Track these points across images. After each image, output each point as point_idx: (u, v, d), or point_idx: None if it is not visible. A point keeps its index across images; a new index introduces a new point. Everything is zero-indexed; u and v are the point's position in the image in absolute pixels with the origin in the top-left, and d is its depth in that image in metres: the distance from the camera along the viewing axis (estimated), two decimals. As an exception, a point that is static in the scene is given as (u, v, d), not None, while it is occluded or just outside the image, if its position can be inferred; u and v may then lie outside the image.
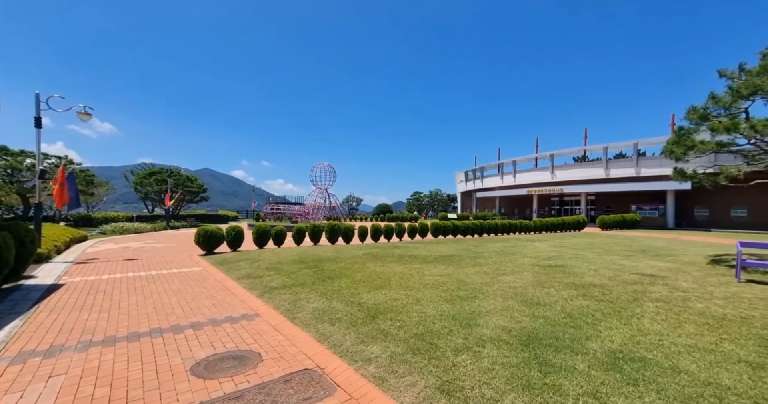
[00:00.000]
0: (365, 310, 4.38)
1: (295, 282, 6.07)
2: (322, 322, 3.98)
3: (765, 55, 6.80)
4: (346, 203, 63.75)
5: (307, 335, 3.65)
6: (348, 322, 3.95)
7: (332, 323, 3.94)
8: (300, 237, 12.34)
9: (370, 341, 3.40)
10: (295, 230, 12.39)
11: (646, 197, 27.99)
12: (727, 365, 2.86)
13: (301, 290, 5.52)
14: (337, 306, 4.60)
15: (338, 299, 4.89)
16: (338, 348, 3.27)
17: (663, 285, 5.73)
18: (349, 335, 3.56)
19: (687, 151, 7.25)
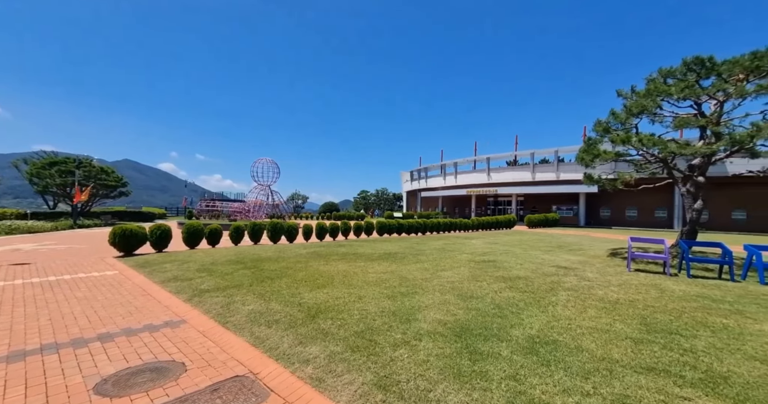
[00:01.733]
0: (306, 310, 4.27)
1: (230, 284, 5.67)
2: (258, 325, 3.78)
3: (649, 80, 8.23)
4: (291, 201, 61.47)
5: (240, 339, 3.43)
6: (287, 323, 3.81)
7: (269, 325, 3.76)
8: (238, 236, 11.56)
9: (309, 341, 3.32)
10: (233, 229, 11.58)
11: (564, 199, 31.81)
12: (617, 342, 3.38)
13: (237, 292, 5.18)
14: (275, 307, 4.41)
15: (277, 300, 4.70)
16: (274, 351, 3.14)
17: (574, 276, 6.56)
18: (287, 337, 3.44)
19: (594, 159, 8.46)
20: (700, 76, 7.65)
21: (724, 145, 7.01)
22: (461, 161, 39.08)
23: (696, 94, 7.67)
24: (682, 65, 7.76)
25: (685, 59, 7.72)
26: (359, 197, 75.43)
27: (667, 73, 8.07)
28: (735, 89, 7.21)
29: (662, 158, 8.29)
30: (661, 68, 8.20)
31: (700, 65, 7.55)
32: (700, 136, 8.57)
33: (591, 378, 2.65)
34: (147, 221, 29.35)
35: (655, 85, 7.70)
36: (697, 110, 8.38)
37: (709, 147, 7.24)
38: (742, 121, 7.74)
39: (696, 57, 7.58)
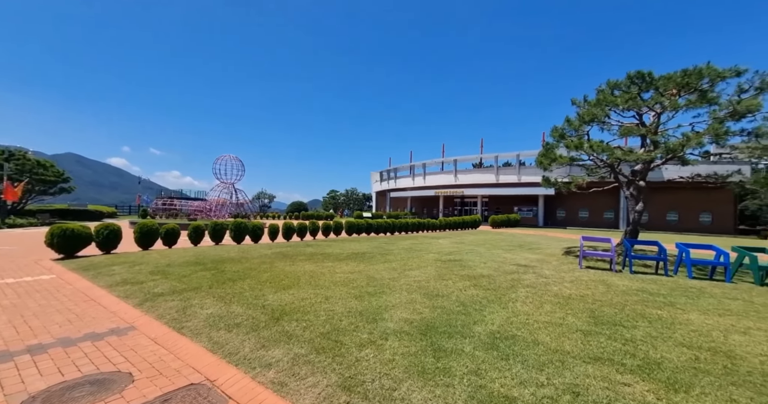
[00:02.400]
0: (269, 312, 4.13)
1: (188, 287, 5.35)
2: (217, 329, 3.59)
3: (599, 91, 8.96)
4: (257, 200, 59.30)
5: (197, 345, 3.24)
6: (249, 327, 3.66)
7: (229, 329, 3.59)
8: (198, 236, 10.94)
9: (272, 345, 3.21)
10: (192, 229, 10.93)
11: (525, 200, 33.57)
12: (569, 334, 3.62)
13: (195, 295, 4.89)
14: (237, 310, 4.22)
15: (239, 303, 4.50)
16: (234, 356, 3.00)
17: (532, 274, 6.93)
18: (248, 341, 3.30)
19: (551, 163, 9.04)
20: (642, 90, 8.45)
21: (660, 153, 7.79)
22: (430, 162, 39.90)
23: (638, 106, 8.46)
24: (627, 79, 8.53)
25: (629, 73, 8.49)
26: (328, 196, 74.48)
27: (614, 85, 8.82)
28: (669, 103, 8.04)
29: (610, 164, 9.04)
30: (609, 80, 8.95)
31: (641, 79, 8.33)
32: (641, 144, 9.46)
33: (545, 369, 2.81)
34: (94, 220, 26.85)
35: (603, 95, 8.41)
36: (638, 120, 9.24)
37: (649, 154, 8.01)
38: (675, 131, 8.66)
39: (638, 72, 8.36)
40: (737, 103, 7.17)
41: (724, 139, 7.40)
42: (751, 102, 7.07)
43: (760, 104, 7.13)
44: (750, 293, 5.66)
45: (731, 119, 7.42)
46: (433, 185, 38.19)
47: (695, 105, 7.67)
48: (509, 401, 2.35)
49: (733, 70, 7.44)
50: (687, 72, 7.80)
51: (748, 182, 8.93)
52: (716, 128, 7.17)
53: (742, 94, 7.48)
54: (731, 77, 7.49)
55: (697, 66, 7.68)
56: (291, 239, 13.16)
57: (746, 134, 7.66)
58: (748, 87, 7.36)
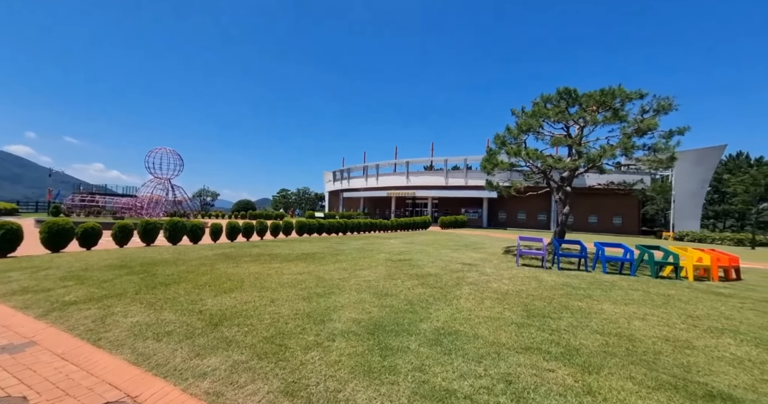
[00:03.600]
0: (207, 318, 3.83)
1: (109, 293, 4.74)
2: (144, 339, 3.24)
3: (535, 103, 9.92)
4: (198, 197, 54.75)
5: (117, 359, 2.88)
6: (182, 334, 3.36)
7: (158, 338, 3.26)
8: (125, 237, 9.77)
9: (209, 352, 2.99)
10: (117, 228, 9.73)
11: (471, 202, 35.63)
12: (505, 327, 3.91)
13: (117, 302, 4.35)
14: (169, 316, 3.85)
15: (172, 309, 4.10)
16: (162, 367, 2.73)
17: (476, 272, 7.37)
18: (181, 350, 3.03)
19: (494, 167, 9.75)
20: (569, 104, 9.52)
21: (583, 162, 8.84)
22: (383, 163, 40.39)
23: (566, 119, 9.50)
24: (557, 94, 9.56)
25: (558, 89, 9.51)
26: (279, 195, 71.53)
27: (547, 99, 9.81)
28: (590, 118, 9.16)
29: (543, 170, 10.01)
30: (543, 94, 9.93)
31: (568, 95, 9.38)
32: (568, 153, 10.62)
33: (483, 361, 3.01)
34: (-15, 217, 22.50)
35: (538, 108, 9.32)
36: (566, 131, 10.37)
37: (574, 163, 9.03)
38: (594, 143, 9.89)
39: (566, 88, 9.39)
40: (641, 121, 8.46)
41: (631, 152, 8.66)
42: (650, 121, 8.37)
43: (657, 124, 8.47)
44: (648, 284, 6.65)
45: (636, 135, 8.72)
46: (386, 186, 38.74)
47: (610, 121, 8.87)
48: (449, 393, 2.47)
49: (637, 92, 8.74)
50: (604, 91, 8.96)
51: (648, 190, 10.53)
52: (625, 142, 8.37)
53: (644, 114, 8.82)
54: (636, 99, 8.80)
55: (611, 87, 8.89)
56: (236, 240, 12.38)
57: (647, 149, 9.04)
58: (649, 109, 8.71)
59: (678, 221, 28.18)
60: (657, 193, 11.04)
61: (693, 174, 28.13)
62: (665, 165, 8.85)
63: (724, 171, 36.19)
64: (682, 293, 6.00)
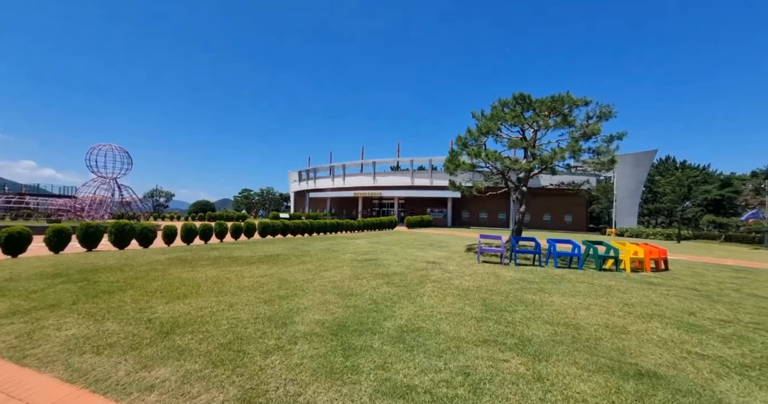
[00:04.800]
0: (157, 327, 3.58)
1: (40, 305, 4.26)
2: (81, 353, 2.95)
3: (493, 107, 10.44)
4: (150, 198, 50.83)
5: (47, 377, 2.60)
6: (127, 346, 3.10)
7: (99, 351, 2.99)
8: (61, 241, 8.82)
9: (158, 363, 2.79)
10: (52, 232, 8.75)
11: (436, 202, 36.57)
12: (465, 322, 4.07)
13: (49, 314, 3.92)
14: (112, 327, 3.54)
15: (117, 319, 3.78)
16: (102, 383, 2.50)
17: (439, 269, 7.59)
18: (125, 362, 2.80)
19: (456, 168, 10.12)
20: (524, 109, 10.14)
21: (537, 163, 9.45)
22: (349, 163, 40.16)
23: (521, 123, 10.12)
24: (513, 99, 10.15)
25: (514, 94, 10.11)
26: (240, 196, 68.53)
27: (504, 103, 10.38)
28: (543, 122, 9.83)
29: (501, 171, 10.55)
30: (501, 98, 10.50)
31: (523, 100, 10.00)
32: (524, 155, 11.29)
33: (443, 356, 3.11)
34: None
35: (496, 111, 9.83)
36: (522, 134, 11.02)
37: (529, 164, 9.63)
38: (547, 146, 10.62)
39: (521, 93, 10.00)
40: (586, 126, 9.24)
41: (578, 154, 9.42)
42: (594, 126, 9.18)
43: (600, 129, 9.30)
44: (593, 277, 7.26)
45: (583, 138, 9.51)
46: (353, 187, 38.57)
47: (560, 125, 9.58)
48: (410, 389, 2.52)
49: (582, 99, 9.54)
50: (554, 98, 9.66)
51: (594, 190, 11.48)
52: (573, 145, 9.10)
53: (589, 120, 9.64)
54: (582, 105, 9.61)
55: (560, 93, 9.60)
56: (192, 243, 11.67)
57: (592, 152, 9.89)
58: (593, 115, 9.54)
59: (619, 218, 31.03)
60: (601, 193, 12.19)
61: (631, 176, 31.13)
62: (607, 167, 9.73)
63: (656, 173, 40.47)
64: (621, 283, 6.63)
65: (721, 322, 4.36)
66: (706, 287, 6.56)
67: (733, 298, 5.75)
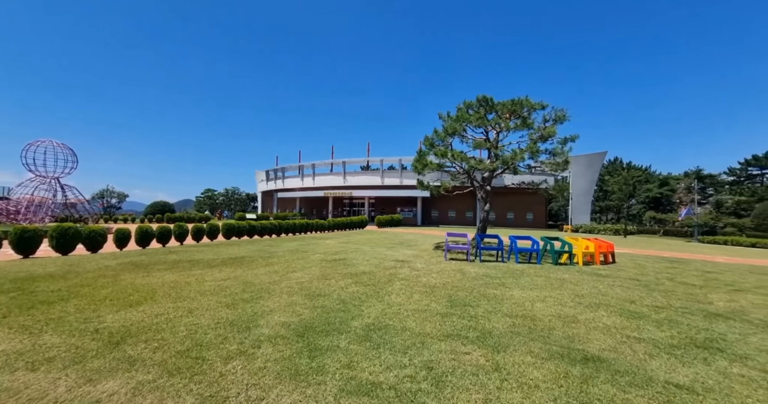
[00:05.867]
0: (105, 337, 3.33)
1: (-37, 320, 3.79)
2: (12, 371, 2.67)
3: (459, 109, 10.80)
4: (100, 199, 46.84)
5: (-28, 399, 2.34)
6: (69, 359, 2.86)
7: (34, 368, 2.73)
8: (-12, 248, 7.87)
9: (105, 376, 2.61)
10: (-23, 237, 7.80)
11: (406, 202, 37.05)
12: (431, 318, 4.19)
13: (-25, 330, 3.51)
14: (51, 340, 3.24)
15: (57, 331, 3.47)
16: (37, 401, 2.29)
17: (408, 268, 7.72)
18: (66, 377, 2.58)
19: (424, 168, 10.35)
20: (487, 111, 10.59)
21: (500, 164, 9.91)
22: (319, 163, 39.58)
23: (485, 124, 10.56)
24: (476, 101, 10.57)
25: (478, 97, 10.53)
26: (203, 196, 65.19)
27: (469, 105, 10.78)
28: (504, 124, 10.33)
29: (467, 171, 10.94)
30: (465, 101, 10.87)
31: (486, 103, 10.44)
32: (488, 156, 11.78)
33: (409, 352, 3.18)
34: None
35: (461, 113, 10.18)
36: (486, 136, 11.49)
37: (492, 164, 10.07)
38: (508, 147, 11.17)
39: (484, 96, 10.44)
40: (543, 129, 9.84)
41: (537, 155, 10.01)
42: (551, 129, 9.80)
43: (555, 131, 9.95)
44: (549, 271, 7.75)
45: (541, 140, 10.12)
46: (323, 186, 38.06)
47: (520, 128, 10.13)
48: (375, 386, 2.56)
49: (539, 103, 10.15)
50: (514, 101, 10.19)
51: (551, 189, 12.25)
52: (532, 147, 9.66)
53: (546, 123, 10.28)
54: (539, 109, 10.23)
55: (520, 97, 10.15)
56: (149, 246, 10.92)
57: (549, 153, 10.54)
58: (549, 118, 10.19)
59: (574, 215, 33.29)
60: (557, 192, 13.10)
61: (584, 176, 33.52)
62: (562, 167, 10.42)
63: (606, 173, 43.87)
64: (573, 276, 7.13)
65: (656, 308, 4.84)
66: (646, 278, 7.24)
67: (667, 286, 6.40)
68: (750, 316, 4.60)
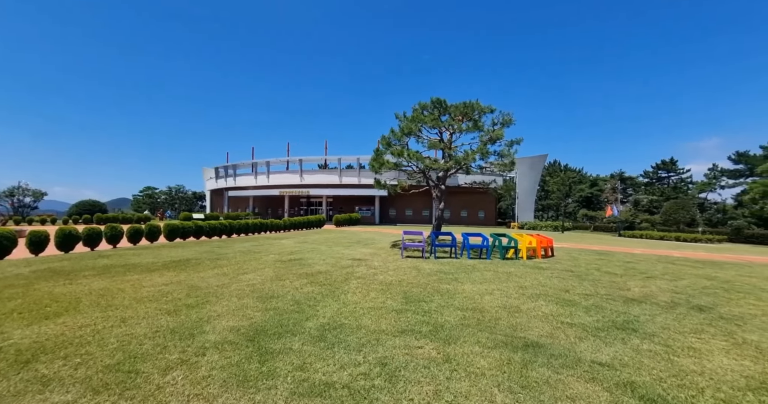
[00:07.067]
0: (11, 356, 2.88)
1: None
2: None
3: (414, 109, 11.09)
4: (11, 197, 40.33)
5: None
6: (-36, 386, 2.43)
7: None
8: None
9: (9, 402, 2.26)
10: None
11: (364, 201, 37.09)
12: (386, 315, 4.24)
13: None
14: (-60, 365, 2.73)
15: (-53, 354, 2.92)
16: None
17: (365, 266, 7.73)
18: (-40, 407, 2.20)
19: (381, 167, 10.46)
20: (441, 113, 11.01)
21: (453, 164, 10.35)
22: (274, 160, 38.05)
23: (439, 125, 10.97)
24: (431, 103, 10.94)
25: (432, 99, 10.91)
26: (143, 194, 59.37)
27: (424, 106, 11.12)
28: (457, 126, 10.81)
29: (422, 170, 11.26)
30: (420, 102, 11.22)
31: (439, 105, 10.86)
32: (442, 156, 12.24)
33: (363, 350, 3.19)
34: None
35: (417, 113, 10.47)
36: (440, 136, 11.93)
37: (446, 164, 10.49)
38: (461, 148, 11.72)
39: (438, 98, 10.85)
40: (492, 131, 10.49)
41: (487, 157, 10.63)
42: (499, 132, 10.47)
43: (503, 134, 10.66)
44: (497, 265, 8.26)
45: (490, 142, 10.76)
46: (279, 185, 36.66)
47: (471, 130, 10.68)
48: (328, 386, 2.54)
49: (488, 107, 10.80)
50: (466, 104, 10.72)
51: (500, 189, 13.11)
52: (482, 148, 10.24)
53: (494, 126, 10.96)
54: (489, 112, 10.88)
55: (471, 101, 10.70)
56: (73, 251, 9.67)
57: (497, 154, 11.26)
58: (497, 122, 10.88)
59: (520, 213, 35.90)
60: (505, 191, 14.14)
61: (528, 176, 36.29)
62: (509, 168, 11.19)
63: (546, 174, 47.91)
64: (518, 269, 7.69)
65: (586, 296, 5.40)
66: (578, 269, 8.04)
67: (596, 276, 7.18)
68: (658, 299, 5.34)
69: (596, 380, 2.71)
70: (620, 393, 2.53)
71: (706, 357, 3.20)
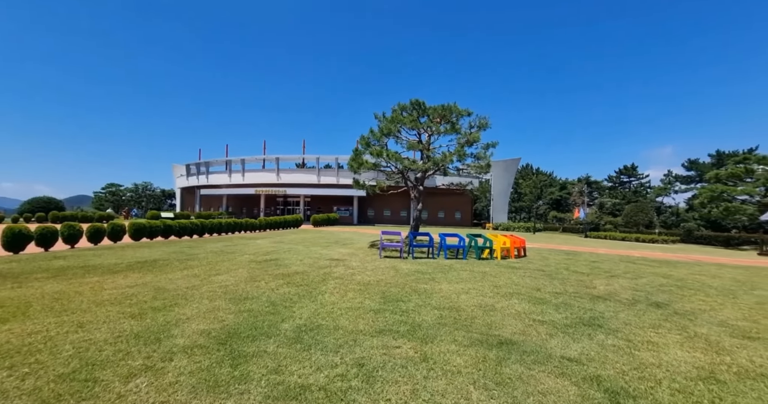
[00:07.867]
0: (-50, 369, 2.60)
1: None
2: None
3: (394, 110, 11.15)
4: (-54, 189, 36.54)
5: None
6: None
7: None
8: None
9: (-51, 418, 2.04)
10: None
11: (343, 201, 36.82)
12: (364, 315, 4.22)
13: None
14: None
15: None
16: None
17: (343, 266, 7.66)
18: None
19: (359, 167, 10.43)
20: (420, 114, 11.14)
21: (431, 165, 10.50)
22: (250, 158, 36.97)
23: (418, 127, 11.10)
24: (410, 104, 11.05)
25: (411, 100, 11.03)
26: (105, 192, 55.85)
27: (403, 108, 11.22)
28: (435, 128, 10.98)
29: (401, 171, 11.33)
30: (400, 103, 11.29)
31: (418, 106, 10.99)
32: (420, 157, 12.37)
33: (340, 350, 3.15)
34: None
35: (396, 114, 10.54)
36: (418, 138, 12.07)
37: (424, 165, 10.61)
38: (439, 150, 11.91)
39: (417, 100, 10.98)
40: (469, 134, 10.74)
41: (464, 159, 10.87)
42: (475, 135, 10.74)
43: (479, 137, 10.95)
44: (473, 265, 8.45)
45: (467, 145, 11.02)
46: (254, 183, 35.63)
47: (449, 132, 10.89)
48: (304, 389, 2.48)
49: (466, 110, 11.06)
50: (444, 106, 10.92)
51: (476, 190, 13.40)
52: (459, 150, 10.45)
53: (471, 129, 11.23)
54: (466, 115, 11.14)
55: (449, 103, 10.91)
56: (23, 251, 8.91)
57: (474, 157, 11.54)
58: (474, 125, 11.16)
59: (495, 214, 36.98)
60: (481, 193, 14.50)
61: (503, 179, 37.47)
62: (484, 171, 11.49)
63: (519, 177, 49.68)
64: (493, 269, 7.90)
65: (556, 294, 5.63)
66: (549, 268, 8.37)
67: (564, 275, 7.50)
68: (620, 296, 5.66)
69: (565, 375, 2.82)
70: (587, 386, 2.65)
71: (663, 350, 3.42)
